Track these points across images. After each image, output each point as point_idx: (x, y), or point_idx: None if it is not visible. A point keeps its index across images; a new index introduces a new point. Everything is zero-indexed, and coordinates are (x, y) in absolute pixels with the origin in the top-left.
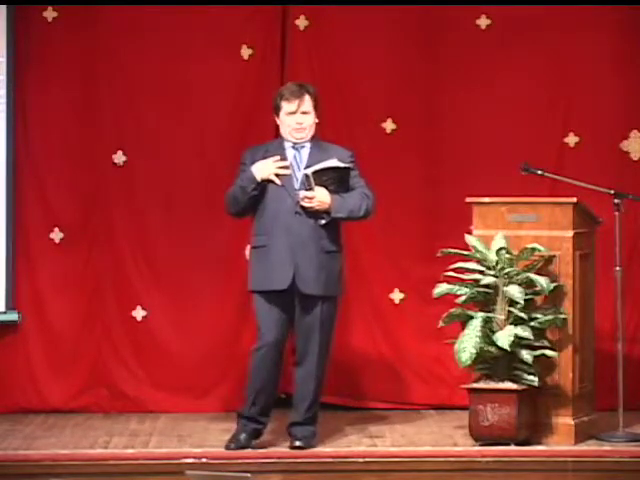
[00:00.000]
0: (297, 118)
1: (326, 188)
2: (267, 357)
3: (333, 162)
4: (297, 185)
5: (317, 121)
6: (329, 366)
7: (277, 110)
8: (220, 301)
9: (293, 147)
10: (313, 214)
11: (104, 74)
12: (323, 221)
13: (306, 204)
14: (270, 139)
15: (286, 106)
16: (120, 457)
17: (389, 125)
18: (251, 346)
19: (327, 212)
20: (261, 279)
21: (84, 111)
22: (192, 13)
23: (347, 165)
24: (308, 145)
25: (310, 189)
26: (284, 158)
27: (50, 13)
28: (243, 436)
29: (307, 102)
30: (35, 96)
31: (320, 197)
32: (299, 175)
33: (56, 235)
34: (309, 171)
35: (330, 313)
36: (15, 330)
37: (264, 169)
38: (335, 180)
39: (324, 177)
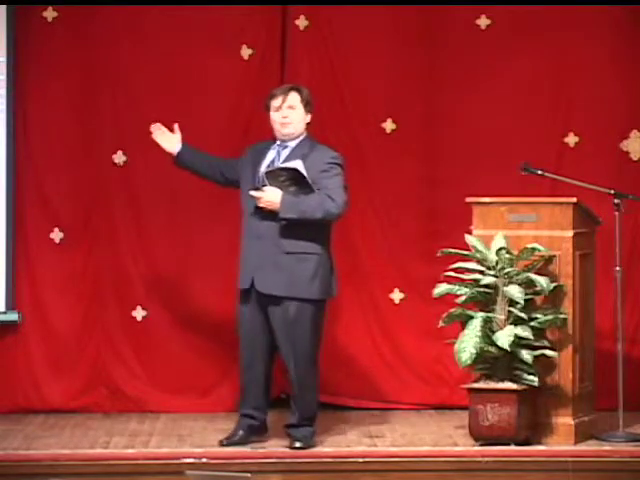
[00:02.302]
0: (282, 112)
1: (286, 189)
2: (247, 354)
3: (291, 163)
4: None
5: (308, 121)
6: (329, 366)
7: (267, 109)
8: (220, 301)
9: (278, 147)
10: (270, 213)
11: (104, 74)
12: (278, 218)
13: (257, 203)
14: (270, 139)
15: (273, 102)
16: (120, 457)
17: (389, 125)
18: None
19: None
20: (239, 277)
21: (84, 111)
22: (192, 13)
23: (295, 167)
24: (292, 145)
25: (258, 189)
26: (261, 158)
27: (50, 13)
28: (240, 432)
29: (293, 97)
30: (35, 96)
31: (268, 197)
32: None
33: (56, 235)
34: (263, 171)
35: (306, 315)
36: (15, 330)
37: None
38: (293, 182)
39: (281, 178)
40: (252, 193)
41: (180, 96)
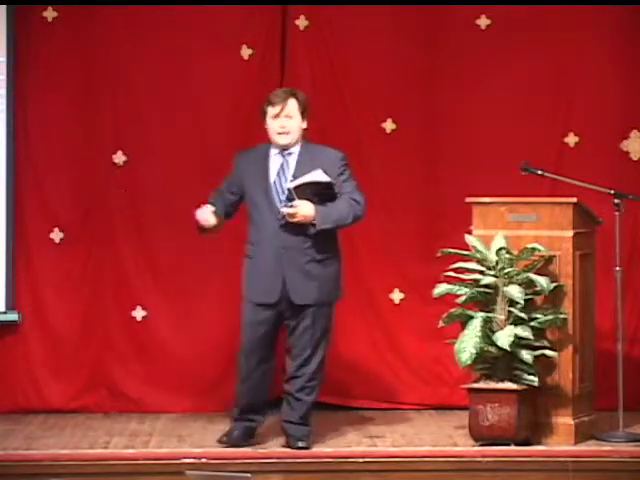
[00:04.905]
0: (280, 122)
1: (311, 200)
2: (249, 365)
3: (315, 175)
4: (282, 197)
5: (305, 127)
6: (329, 366)
7: (264, 115)
8: (220, 301)
9: (281, 154)
10: (299, 225)
11: (104, 74)
12: (313, 230)
13: (289, 219)
14: (269, 139)
15: (270, 110)
16: (120, 457)
17: (389, 125)
18: None
19: (313, 224)
20: (253, 290)
21: (84, 111)
22: (192, 13)
23: (329, 180)
24: (296, 152)
25: (292, 205)
26: (264, 165)
27: (50, 13)
28: (236, 433)
29: (291, 106)
30: (35, 96)
31: (303, 211)
32: (285, 186)
33: (56, 235)
34: (291, 186)
35: (325, 318)
36: (15, 330)
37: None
38: (319, 192)
39: (307, 190)
40: (285, 210)
41: (180, 96)
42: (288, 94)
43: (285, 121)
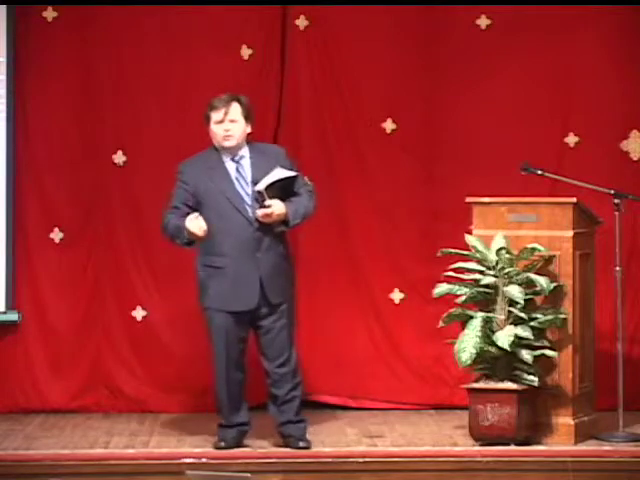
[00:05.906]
0: (225, 126)
1: (279, 197)
2: (232, 368)
3: (280, 172)
4: (249, 201)
5: (249, 131)
6: (329, 366)
7: (207, 120)
8: None
9: (232, 160)
10: (269, 225)
11: (104, 74)
12: (282, 228)
13: (265, 220)
14: (269, 140)
15: (214, 115)
16: (120, 457)
17: (389, 125)
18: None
19: (284, 221)
20: (224, 299)
21: (84, 111)
22: (192, 13)
23: (295, 174)
24: (247, 155)
25: (264, 206)
26: (216, 173)
27: (50, 13)
28: (231, 437)
29: (235, 110)
30: (35, 96)
31: (277, 210)
32: (248, 190)
33: (56, 235)
34: (261, 187)
35: (294, 313)
36: (15, 330)
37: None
38: (285, 188)
39: (275, 189)
40: (262, 211)
41: (180, 96)
42: (231, 98)
43: (229, 125)
